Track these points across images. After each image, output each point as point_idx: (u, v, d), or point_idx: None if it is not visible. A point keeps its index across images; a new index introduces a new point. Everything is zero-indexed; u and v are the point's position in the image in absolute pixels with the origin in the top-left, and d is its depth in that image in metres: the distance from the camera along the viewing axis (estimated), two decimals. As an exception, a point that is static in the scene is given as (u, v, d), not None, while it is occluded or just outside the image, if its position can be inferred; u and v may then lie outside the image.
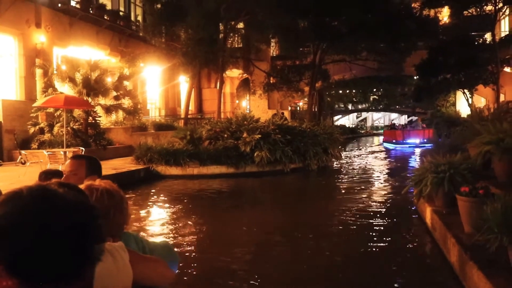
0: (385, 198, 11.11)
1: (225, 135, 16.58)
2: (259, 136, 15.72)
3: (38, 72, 18.05)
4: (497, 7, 22.60)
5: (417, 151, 26.29)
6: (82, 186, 1.79)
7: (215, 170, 15.28)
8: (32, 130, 16.79)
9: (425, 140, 29.35)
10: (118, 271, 1.39)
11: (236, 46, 28.67)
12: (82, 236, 0.86)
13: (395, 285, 5.22)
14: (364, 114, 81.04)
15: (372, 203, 10.20)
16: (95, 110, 17.89)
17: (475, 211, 4.35)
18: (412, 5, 25.82)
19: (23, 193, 0.88)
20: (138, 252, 1.77)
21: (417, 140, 29.96)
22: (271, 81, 29.25)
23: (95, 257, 0.88)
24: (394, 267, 5.80)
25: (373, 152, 28.47)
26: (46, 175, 2.99)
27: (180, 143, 16.26)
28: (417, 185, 6.89)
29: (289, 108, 39.57)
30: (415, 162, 20.61)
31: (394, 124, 48.07)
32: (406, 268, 5.75)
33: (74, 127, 17.12)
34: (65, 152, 13.04)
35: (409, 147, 29.19)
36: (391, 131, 35.12)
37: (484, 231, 3.44)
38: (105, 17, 22.69)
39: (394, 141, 31.56)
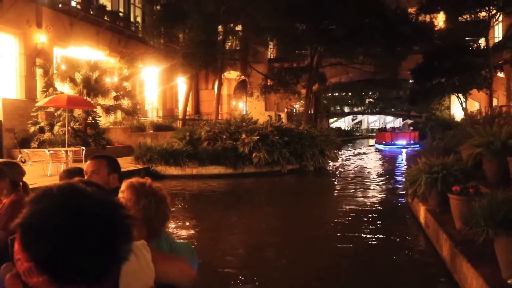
0: (380, 198, 11.41)
1: (224, 136, 16.83)
2: (257, 137, 15.99)
3: (39, 71, 18.24)
4: (490, 14, 23.00)
5: (404, 151, 28.49)
6: (126, 187, 1.86)
7: (213, 171, 15.53)
8: (32, 129, 16.95)
9: (411, 142, 32.30)
10: (141, 269, 1.42)
11: (234, 48, 28.95)
12: (111, 235, 0.86)
13: (391, 279, 5.50)
14: (359, 117, 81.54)
15: (367, 203, 10.49)
16: (95, 110, 18.09)
17: (466, 208, 4.63)
18: (409, 10, 26.20)
19: (53, 191, 0.88)
20: (160, 251, 1.81)
21: (404, 142, 32.74)
22: (268, 83, 29.49)
23: (123, 256, 0.88)
24: (390, 263, 6.08)
25: (366, 153, 29.62)
26: (70, 173, 3.07)
27: (179, 144, 16.49)
28: (411, 185, 7.17)
29: (286, 110, 39.84)
30: (405, 162, 21.54)
31: (385, 127, 50.62)
32: (401, 264, 6.03)
33: (74, 126, 17.31)
34: (66, 151, 13.24)
35: (397, 147, 31.69)
36: (381, 133, 38.05)
37: (472, 225, 3.73)
38: (105, 18, 22.92)
39: (384, 142, 34.17)
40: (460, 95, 25.96)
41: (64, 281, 0.81)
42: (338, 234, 7.70)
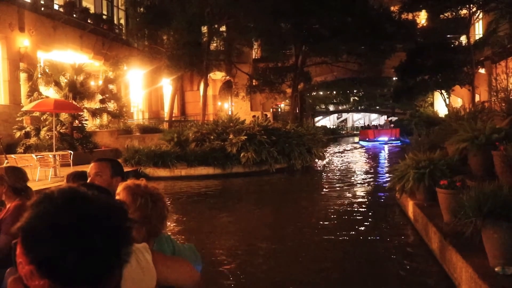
0: (368, 194, 11.60)
1: (212, 137, 16.87)
2: (245, 137, 16.06)
3: (23, 76, 17.99)
4: (471, 11, 23.49)
5: (386, 147, 29.91)
6: (122, 188, 1.90)
7: (202, 171, 15.57)
8: (17, 134, 16.75)
9: (392, 138, 33.98)
10: (142, 271, 1.42)
11: (219, 49, 28.99)
12: (112, 238, 0.86)
13: (382, 273, 5.63)
14: (344, 115, 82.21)
15: (356, 199, 10.66)
16: (81, 113, 17.96)
17: (454, 201, 4.79)
18: (391, 9, 26.56)
19: (55, 195, 0.88)
20: (161, 253, 1.80)
21: (385, 138, 34.36)
22: (254, 83, 29.56)
23: (124, 259, 0.88)
24: (380, 257, 6.21)
25: (351, 150, 30.52)
26: (74, 177, 3.11)
27: (167, 145, 16.50)
28: (399, 181, 7.33)
29: (271, 110, 40.01)
30: (387, 158, 22.50)
31: (369, 125, 53.13)
32: (391, 258, 6.17)
33: (61, 130, 17.15)
34: (54, 156, 13.15)
35: (379, 144, 33.23)
36: (365, 130, 40.02)
37: (461, 217, 3.88)
38: (89, 21, 22.74)
39: (367, 139, 35.82)
40: (443, 91, 26.44)
41: (65, 284, 0.81)
42: (329, 231, 7.81)
